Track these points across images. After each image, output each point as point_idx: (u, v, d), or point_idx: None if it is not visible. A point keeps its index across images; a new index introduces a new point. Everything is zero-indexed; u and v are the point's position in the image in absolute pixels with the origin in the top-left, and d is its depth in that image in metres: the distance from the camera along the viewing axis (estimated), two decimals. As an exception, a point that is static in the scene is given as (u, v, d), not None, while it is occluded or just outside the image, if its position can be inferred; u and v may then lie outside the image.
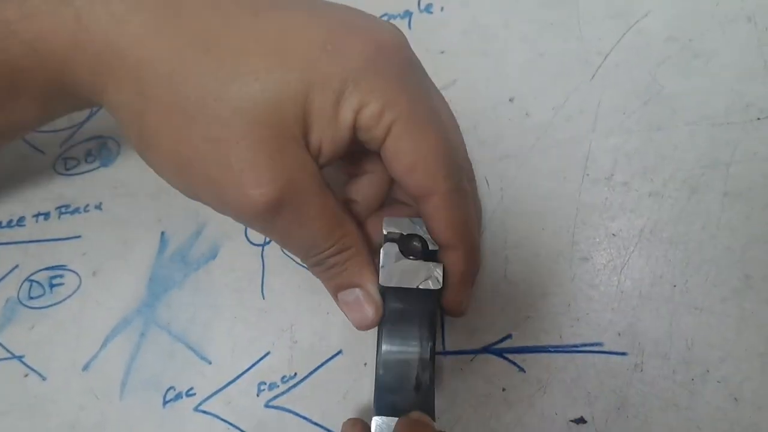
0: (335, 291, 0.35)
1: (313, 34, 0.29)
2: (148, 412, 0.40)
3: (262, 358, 0.40)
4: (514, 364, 0.37)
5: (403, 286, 0.33)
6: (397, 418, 0.33)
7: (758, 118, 0.38)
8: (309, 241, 0.32)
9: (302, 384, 0.39)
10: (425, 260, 0.33)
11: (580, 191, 0.39)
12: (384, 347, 0.36)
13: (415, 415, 0.32)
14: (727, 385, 0.35)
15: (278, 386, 0.40)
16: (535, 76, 0.42)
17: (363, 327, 0.35)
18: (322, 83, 0.29)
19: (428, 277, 0.33)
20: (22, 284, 0.44)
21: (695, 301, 0.36)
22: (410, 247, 0.34)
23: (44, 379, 0.42)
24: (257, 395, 0.40)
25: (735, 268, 0.36)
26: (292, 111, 0.29)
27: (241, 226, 0.43)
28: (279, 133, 0.29)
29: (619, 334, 0.37)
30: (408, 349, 0.36)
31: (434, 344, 0.36)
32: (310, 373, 0.40)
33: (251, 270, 0.42)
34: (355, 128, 0.30)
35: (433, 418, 0.32)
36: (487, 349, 0.38)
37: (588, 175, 0.39)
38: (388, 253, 0.34)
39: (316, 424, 0.39)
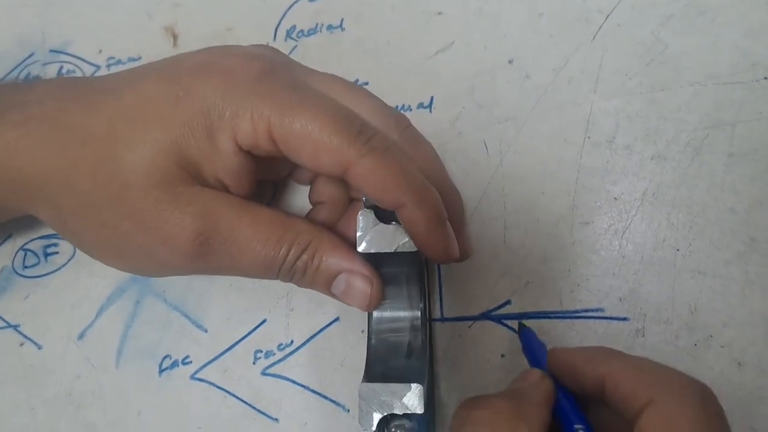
0: (326, 288, 0.35)
1: (162, 90, 0.32)
2: (144, 381, 0.40)
3: (258, 326, 0.40)
4: (514, 330, 0.37)
5: (381, 250, 0.33)
6: (386, 384, 0.32)
7: (765, 78, 0.37)
8: (262, 257, 0.33)
9: (299, 352, 0.39)
10: None
11: (581, 154, 0.38)
12: (375, 314, 0.36)
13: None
14: (731, 350, 0.34)
15: (274, 354, 0.39)
16: (535, 37, 0.41)
17: (372, 305, 0.34)
18: (186, 127, 0.31)
19: (407, 239, 0.33)
20: (16, 253, 0.43)
21: (698, 265, 0.35)
22: (388, 213, 0.33)
23: (40, 348, 0.42)
24: (253, 363, 0.39)
25: (739, 230, 0.35)
26: (172, 162, 0.31)
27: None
28: (170, 184, 0.31)
29: (621, 300, 0.36)
30: (398, 314, 0.35)
31: (426, 308, 0.36)
32: (307, 341, 0.39)
33: (247, 237, 0.41)
34: (245, 151, 0.32)
35: (423, 383, 0.31)
36: (485, 316, 0.37)
37: (589, 137, 0.38)
38: (364, 220, 0.33)
39: (313, 391, 0.38)
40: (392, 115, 0.36)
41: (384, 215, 0.33)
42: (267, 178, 0.40)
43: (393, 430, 0.32)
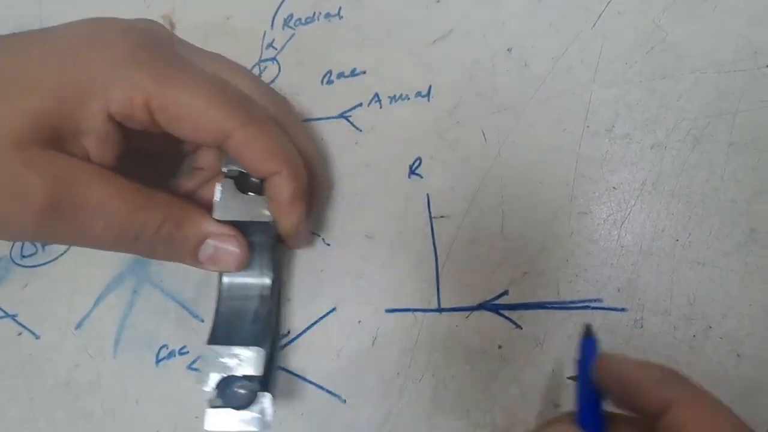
0: (192, 256, 0.35)
1: (37, 55, 0.32)
2: (141, 370, 0.40)
3: (255, 316, 0.40)
4: (511, 320, 0.37)
5: (237, 219, 0.34)
6: (229, 346, 0.34)
7: (767, 65, 0.36)
8: (117, 223, 0.33)
9: (295, 342, 0.39)
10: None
11: (579, 144, 0.38)
12: (225, 280, 0.37)
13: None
14: (730, 341, 0.34)
15: (271, 344, 0.39)
16: (534, 25, 0.40)
17: (241, 265, 0.36)
18: (53, 93, 0.31)
19: (263, 210, 0.34)
20: (14, 242, 0.43)
21: (698, 256, 0.35)
22: (249, 183, 0.35)
23: (38, 337, 0.42)
24: (250, 353, 0.39)
25: (739, 221, 0.35)
26: (33, 125, 0.31)
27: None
28: (26, 146, 0.31)
29: (619, 290, 0.36)
30: (249, 282, 0.37)
31: (276, 279, 0.37)
32: (304, 331, 0.39)
33: (244, 227, 0.41)
34: (115, 122, 0.32)
35: (264, 348, 0.34)
36: (483, 306, 0.37)
37: (588, 127, 0.38)
38: (224, 189, 0.35)
39: (309, 381, 0.38)
40: (273, 97, 0.37)
41: (242, 186, 0.35)
42: (140, 149, 0.39)
43: (232, 390, 0.34)
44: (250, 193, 0.35)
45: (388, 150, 0.40)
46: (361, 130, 0.41)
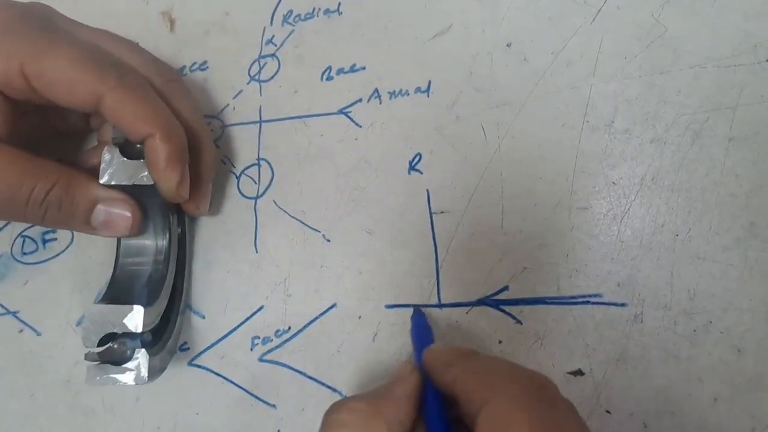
0: (84, 222, 0.36)
1: None
2: (142, 367, 0.40)
3: (255, 313, 0.40)
4: (511, 316, 0.37)
5: (121, 182, 0.35)
6: (111, 305, 0.34)
7: (767, 60, 0.36)
8: (3, 189, 0.33)
9: (296, 338, 0.39)
10: None
11: (579, 139, 0.38)
12: (122, 243, 0.38)
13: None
14: (730, 336, 0.34)
15: (272, 340, 0.39)
16: (534, 20, 0.40)
17: (134, 228, 0.36)
18: None
19: (146, 173, 0.35)
20: (15, 240, 0.43)
21: (697, 251, 0.35)
22: (135, 150, 0.36)
23: (39, 334, 0.42)
24: (251, 349, 0.39)
25: (739, 215, 0.35)
26: None
27: (234, 179, 0.42)
28: None
29: (619, 285, 0.36)
30: (144, 244, 0.38)
31: (174, 241, 0.38)
32: (304, 327, 0.39)
33: (244, 223, 0.41)
34: None
35: (144, 305, 0.34)
36: (483, 301, 0.37)
37: (588, 122, 0.38)
38: (109, 155, 0.35)
39: (310, 377, 0.38)
40: (160, 68, 0.38)
41: (130, 153, 0.36)
42: (48, 129, 0.41)
43: (111, 347, 0.35)
44: (139, 160, 0.36)
45: (387, 146, 0.40)
46: (360, 126, 0.41)
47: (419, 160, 0.40)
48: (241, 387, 0.39)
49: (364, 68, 0.42)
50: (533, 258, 0.37)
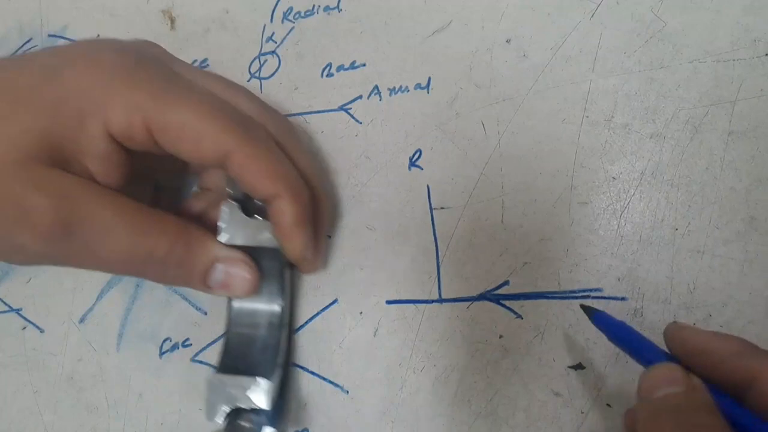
0: (202, 282, 0.34)
1: (35, 76, 0.31)
2: (144, 363, 0.40)
3: (257, 309, 0.40)
4: (512, 310, 0.37)
5: (242, 243, 0.33)
6: (235, 376, 0.33)
7: (766, 54, 0.36)
8: (126, 246, 0.32)
9: (297, 333, 0.39)
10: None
11: (579, 134, 0.38)
12: (234, 305, 0.36)
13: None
14: (730, 329, 0.34)
15: (274, 336, 0.39)
16: (533, 16, 0.40)
17: (252, 290, 0.35)
18: (52, 111, 0.30)
19: (268, 234, 0.33)
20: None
21: (697, 245, 0.35)
22: (254, 205, 0.34)
23: (42, 331, 0.42)
24: (253, 345, 0.40)
25: (739, 209, 0.35)
26: (34, 144, 0.30)
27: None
28: (30, 165, 0.30)
29: (619, 280, 0.36)
30: (258, 308, 0.36)
31: (286, 306, 0.36)
32: (306, 323, 0.39)
33: (245, 220, 0.41)
34: (117, 142, 0.32)
35: (272, 379, 0.33)
36: (484, 296, 0.37)
37: (587, 117, 0.38)
38: (228, 212, 0.34)
39: (312, 373, 0.38)
40: (274, 116, 0.36)
41: (248, 209, 0.34)
42: (150, 173, 0.39)
43: (238, 423, 0.33)
44: (256, 216, 0.34)
45: (388, 142, 0.41)
46: (361, 123, 0.41)
47: (419, 156, 0.40)
48: (243, 383, 0.39)
49: (364, 65, 0.42)
50: (533, 253, 0.37)
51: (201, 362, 0.40)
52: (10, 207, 0.30)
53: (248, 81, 0.44)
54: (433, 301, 0.38)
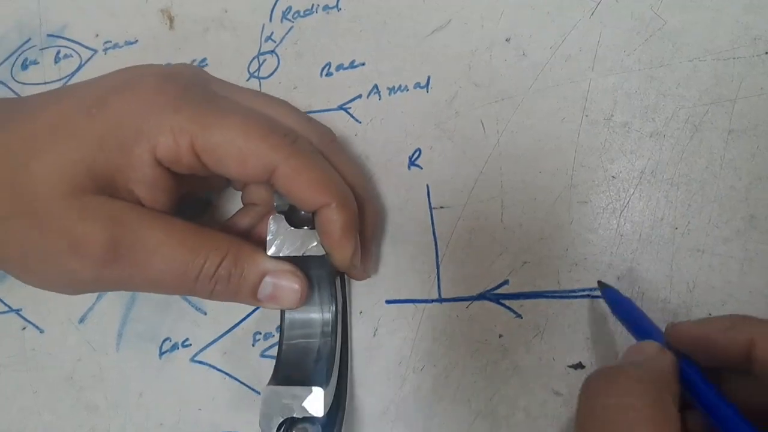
0: (251, 296, 0.34)
1: (77, 107, 0.32)
2: (144, 364, 0.40)
3: (257, 308, 0.40)
4: (511, 310, 0.37)
5: (291, 254, 0.33)
6: (289, 387, 0.33)
7: (766, 52, 0.36)
8: (176, 263, 0.32)
9: (297, 333, 0.39)
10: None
11: (578, 133, 0.38)
12: (286, 316, 0.36)
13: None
14: (730, 329, 0.34)
15: (273, 336, 0.39)
16: (532, 14, 0.40)
17: (302, 300, 0.35)
18: (98, 141, 0.31)
19: (316, 243, 0.33)
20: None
21: (697, 243, 0.35)
22: (300, 216, 0.34)
23: (42, 331, 0.42)
24: (253, 345, 0.40)
25: (739, 208, 0.35)
26: (82, 173, 0.31)
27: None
28: (78, 194, 0.31)
29: (619, 278, 0.36)
30: (310, 318, 0.36)
31: (339, 313, 0.36)
32: (305, 322, 0.39)
33: (244, 220, 0.41)
34: (163, 166, 0.32)
35: (325, 387, 0.33)
36: (483, 296, 0.37)
37: (587, 116, 0.38)
38: (275, 224, 0.34)
39: (311, 372, 0.38)
40: (317, 128, 0.37)
41: (294, 221, 0.34)
42: (194, 192, 0.40)
43: None
44: (304, 227, 0.34)
45: (387, 141, 0.40)
46: (360, 122, 0.41)
47: (419, 155, 0.40)
48: (243, 383, 0.39)
49: (363, 64, 0.42)
50: (533, 252, 0.37)
51: (201, 362, 0.40)
52: (61, 237, 0.31)
53: (247, 80, 0.44)
54: (432, 301, 0.38)
